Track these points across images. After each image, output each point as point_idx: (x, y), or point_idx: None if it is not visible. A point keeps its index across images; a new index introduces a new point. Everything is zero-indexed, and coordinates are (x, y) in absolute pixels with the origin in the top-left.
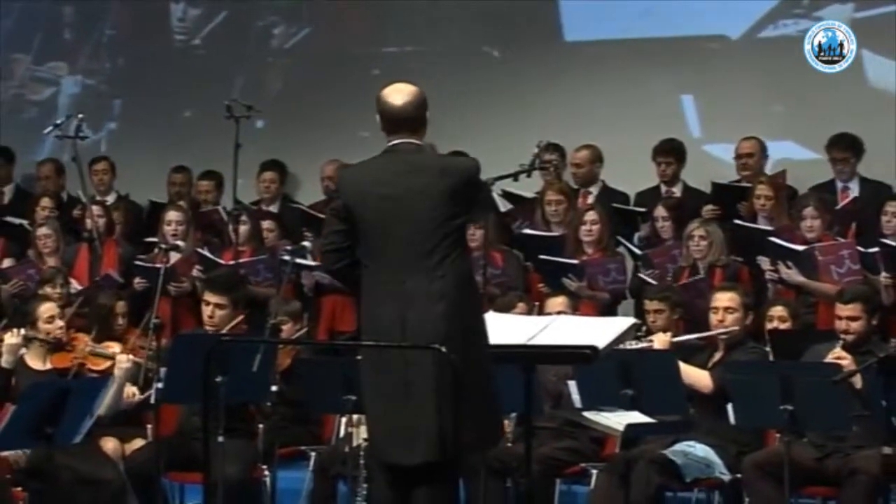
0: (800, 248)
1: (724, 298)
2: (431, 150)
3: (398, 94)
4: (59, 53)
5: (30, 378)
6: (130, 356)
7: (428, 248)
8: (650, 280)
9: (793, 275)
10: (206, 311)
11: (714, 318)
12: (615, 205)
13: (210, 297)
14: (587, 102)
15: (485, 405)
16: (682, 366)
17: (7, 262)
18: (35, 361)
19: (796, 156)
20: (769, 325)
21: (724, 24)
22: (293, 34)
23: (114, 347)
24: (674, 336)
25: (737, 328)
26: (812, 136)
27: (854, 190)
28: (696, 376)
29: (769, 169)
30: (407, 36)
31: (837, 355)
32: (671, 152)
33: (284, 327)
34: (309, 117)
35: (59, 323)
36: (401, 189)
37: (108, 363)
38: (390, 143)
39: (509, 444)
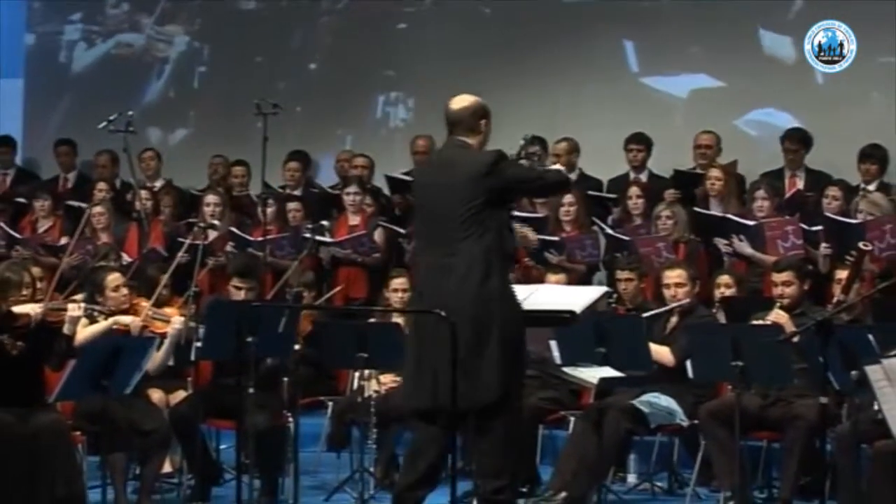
0: (750, 223)
1: (673, 275)
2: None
3: (458, 101)
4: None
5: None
6: (183, 318)
7: (445, 230)
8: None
9: (743, 246)
10: (239, 295)
11: (667, 293)
12: (591, 192)
13: (240, 283)
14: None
15: (483, 366)
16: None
17: (64, 240)
18: (103, 321)
19: (707, 84)
20: (717, 292)
21: None
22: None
23: (170, 312)
24: (641, 303)
25: (689, 300)
26: (718, 70)
27: (800, 178)
28: (660, 353)
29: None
30: None
31: (776, 315)
32: (641, 142)
33: (303, 295)
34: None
35: (124, 291)
36: (435, 179)
37: (167, 326)
38: (447, 140)
39: None
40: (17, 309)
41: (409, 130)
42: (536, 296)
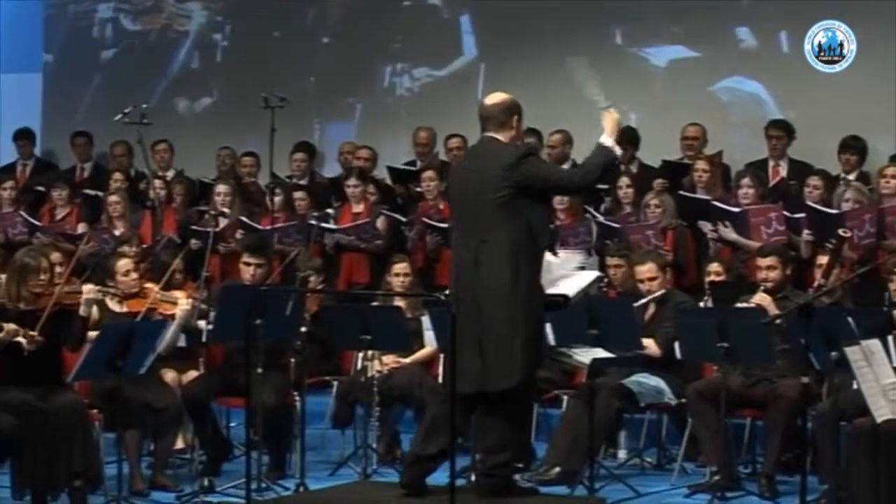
0: (735, 209)
1: (644, 270)
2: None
3: (491, 98)
4: None
5: (110, 318)
6: (191, 300)
7: (476, 219)
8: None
9: (728, 232)
10: (248, 270)
11: (642, 287)
12: None
13: (249, 258)
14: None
15: (504, 352)
16: None
17: (81, 227)
18: (114, 304)
19: (682, 55)
20: (708, 279)
21: None
22: None
23: (178, 294)
24: (632, 293)
25: (663, 290)
26: (693, 42)
27: (783, 167)
28: (647, 346)
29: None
30: None
31: (760, 298)
32: (627, 141)
33: (311, 279)
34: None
35: (134, 276)
36: (466, 172)
37: (174, 307)
38: (480, 136)
39: None
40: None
41: (413, 98)
42: None
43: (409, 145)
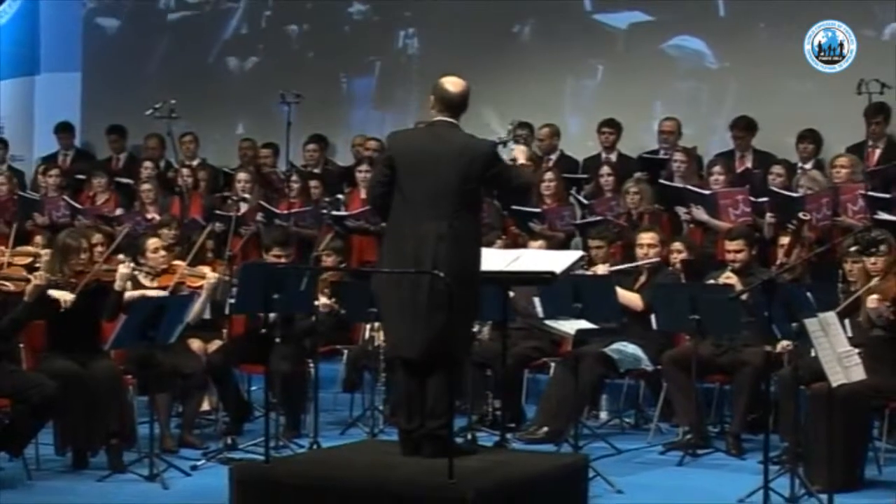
0: (706, 192)
1: (647, 237)
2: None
3: (454, 85)
4: None
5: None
6: (217, 274)
7: (441, 202)
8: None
9: (700, 213)
10: (280, 261)
11: (640, 251)
12: (566, 175)
13: (280, 251)
14: None
15: (466, 321)
16: (620, 291)
17: (119, 212)
18: (146, 280)
19: (642, 19)
20: (671, 257)
21: None
22: None
23: (205, 269)
24: (612, 265)
25: (658, 259)
26: (654, 8)
27: (749, 158)
28: (630, 298)
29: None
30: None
31: (727, 276)
32: (611, 125)
33: (329, 258)
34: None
35: (162, 253)
36: (430, 154)
37: (201, 281)
38: (435, 119)
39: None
40: (53, 293)
41: (422, 57)
42: (522, 259)
43: (419, 100)
